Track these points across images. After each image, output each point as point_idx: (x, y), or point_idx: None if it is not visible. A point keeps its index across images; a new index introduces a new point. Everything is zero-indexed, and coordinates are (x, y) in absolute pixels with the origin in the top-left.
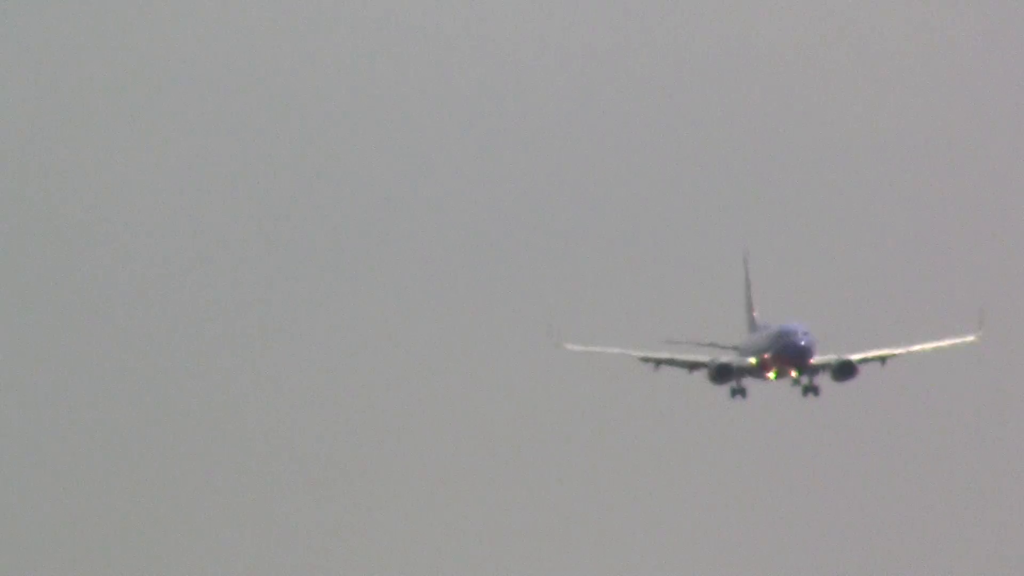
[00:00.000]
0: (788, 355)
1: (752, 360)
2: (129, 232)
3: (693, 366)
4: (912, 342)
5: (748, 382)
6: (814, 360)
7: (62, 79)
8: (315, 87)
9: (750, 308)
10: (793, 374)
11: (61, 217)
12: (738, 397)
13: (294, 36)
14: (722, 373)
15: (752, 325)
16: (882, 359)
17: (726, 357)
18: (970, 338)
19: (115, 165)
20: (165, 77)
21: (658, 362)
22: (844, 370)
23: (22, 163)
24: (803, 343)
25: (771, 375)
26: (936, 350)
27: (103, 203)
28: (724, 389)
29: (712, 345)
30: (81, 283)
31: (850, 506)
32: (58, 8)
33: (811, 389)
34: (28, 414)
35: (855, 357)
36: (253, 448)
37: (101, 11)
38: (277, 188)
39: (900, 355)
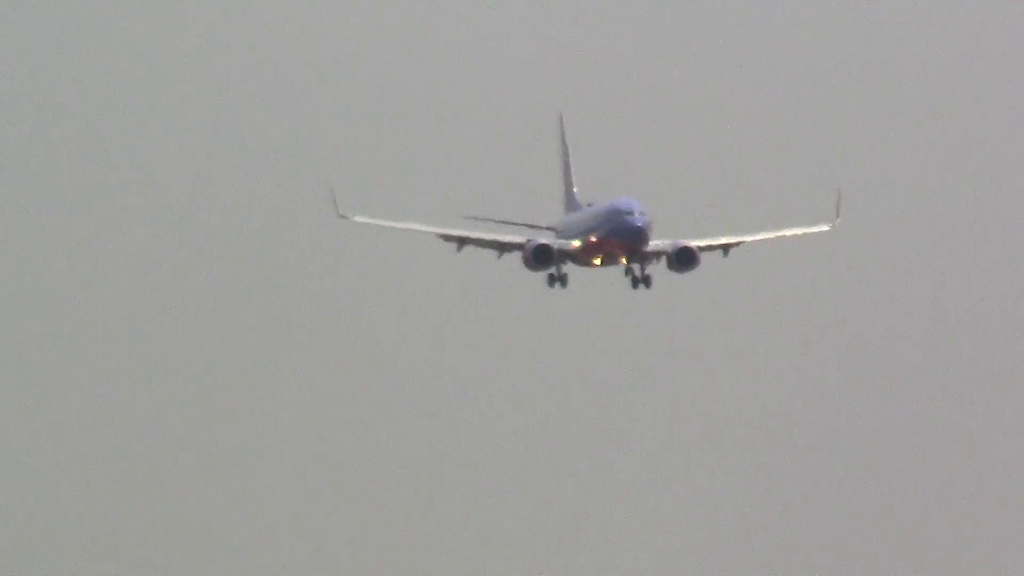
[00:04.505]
0: (621, 237)
1: (575, 243)
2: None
3: (504, 247)
4: (759, 229)
5: (569, 269)
6: (648, 246)
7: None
8: None
9: (568, 184)
10: (623, 261)
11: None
12: (557, 285)
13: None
14: (541, 256)
15: (571, 203)
16: (725, 248)
17: (543, 238)
18: (824, 227)
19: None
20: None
21: (462, 241)
22: (683, 258)
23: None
24: (639, 224)
25: (597, 261)
26: (786, 239)
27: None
28: (540, 276)
29: (523, 225)
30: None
31: (681, 413)
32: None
33: (642, 280)
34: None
35: (695, 244)
36: None
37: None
38: None
39: (746, 243)
